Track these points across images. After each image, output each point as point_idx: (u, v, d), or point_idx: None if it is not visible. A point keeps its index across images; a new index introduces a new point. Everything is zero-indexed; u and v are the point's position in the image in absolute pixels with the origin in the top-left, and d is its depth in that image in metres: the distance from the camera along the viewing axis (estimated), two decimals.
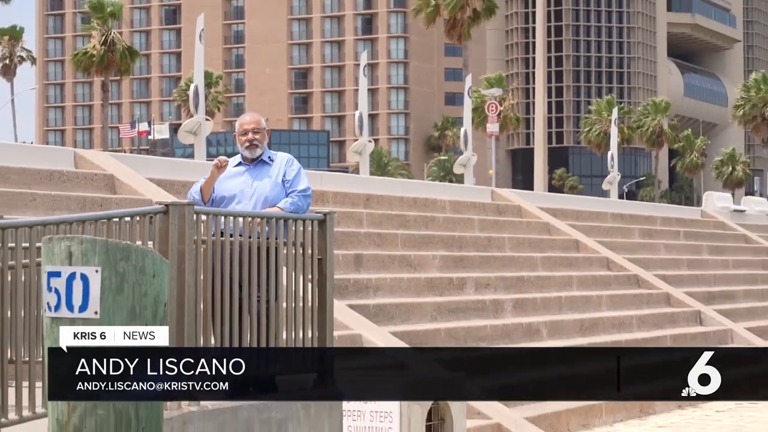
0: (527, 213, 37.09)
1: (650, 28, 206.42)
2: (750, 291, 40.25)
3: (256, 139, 11.84)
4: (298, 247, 11.78)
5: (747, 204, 59.04)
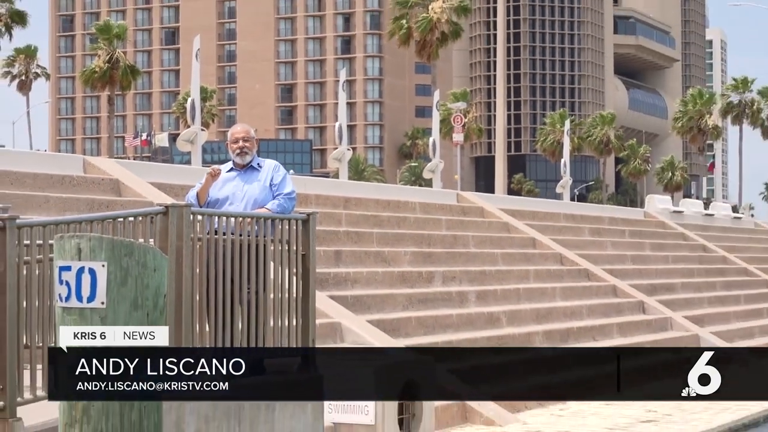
0: (489, 214, 37.10)
1: (598, 49, 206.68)
2: (687, 283, 40.33)
3: (246, 147, 11.91)
4: (284, 244, 11.79)
5: (684, 206, 59.20)
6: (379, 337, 21.84)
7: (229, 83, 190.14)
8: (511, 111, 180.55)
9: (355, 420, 17.76)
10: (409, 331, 23.39)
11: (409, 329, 23.52)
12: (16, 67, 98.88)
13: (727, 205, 70.98)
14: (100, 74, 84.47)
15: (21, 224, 9.03)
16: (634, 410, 23.19)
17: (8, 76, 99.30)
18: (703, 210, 60.25)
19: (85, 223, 9.92)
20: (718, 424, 21.97)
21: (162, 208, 10.58)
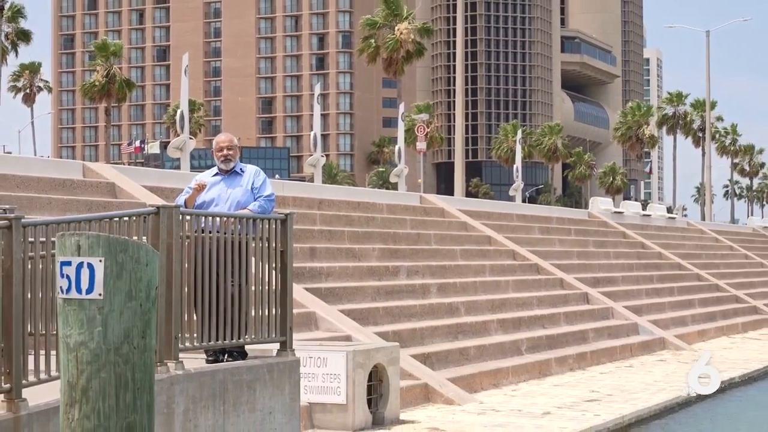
0: (449, 214, 37.14)
1: (547, 66, 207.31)
2: (627, 277, 40.49)
3: (230, 155, 11.98)
4: (264, 241, 11.79)
5: (624, 207, 59.40)
6: (349, 325, 21.84)
7: (215, 96, 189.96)
8: (469, 121, 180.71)
9: (328, 400, 17.76)
10: (377, 320, 23.41)
11: (377, 318, 23.53)
12: (22, 81, 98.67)
13: (662, 207, 71.27)
14: (98, 88, 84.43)
15: (26, 223, 9.01)
16: (579, 391, 23.27)
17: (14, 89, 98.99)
18: (641, 211, 60.44)
19: (84, 223, 9.91)
20: (656, 402, 22.07)
21: (154, 209, 10.58)
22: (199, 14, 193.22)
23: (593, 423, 19.21)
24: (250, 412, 11.28)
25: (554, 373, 25.93)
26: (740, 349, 34.68)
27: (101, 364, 7.22)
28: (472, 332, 25.88)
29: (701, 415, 22.50)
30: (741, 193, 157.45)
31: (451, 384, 21.45)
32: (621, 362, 29.28)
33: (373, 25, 71.35)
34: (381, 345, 19.36)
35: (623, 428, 19.86)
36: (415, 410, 19.76)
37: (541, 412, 20.16)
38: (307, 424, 17.28)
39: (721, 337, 38.26)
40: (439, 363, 22.72)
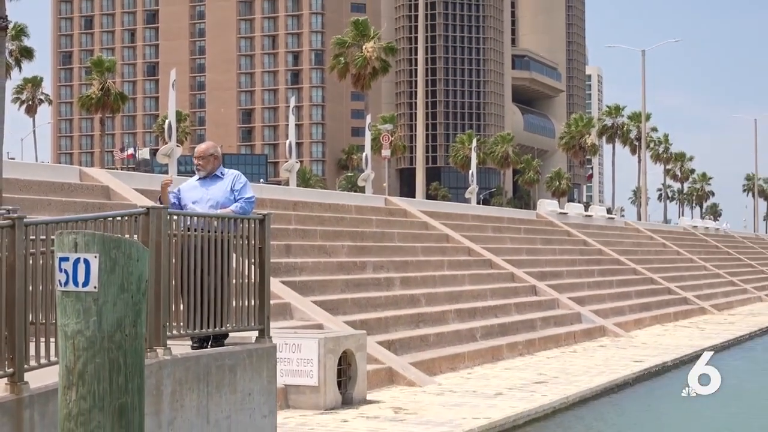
0: (411, 215, 37.18)
1: (499, 81, 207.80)
2: (571, 271, 40.63)
3: (200, 164, 12.07)
4: (244, 239, 11.77)
5: (569, 208, 59.60)
6: (321, 314, 21.83)
7: (200, 108, 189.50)
8: (429, 131, 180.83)
9: (302, 382, 17.74)
10: (346, 310, 23.40)
11: (346, 308, 23.53)
12: (24, 94, 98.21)
13: (602, 208, 71.55)
14: (94, 100, 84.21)
15: (28, 222, 8.98)
16: (528, 374, 23.33)
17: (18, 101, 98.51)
18: (584, 212, 60.65)
19: (81, 222, 9.88)
20: (597, 384, 22.14)
21: (144, 209, 10.55)
22: (185, 34, 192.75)
23: (541, 403, 19.26)
24: (232, 393, 11.26)
25: (505, 358, 25.99)
26: (672, 336, 34.87)
27: (96, 350, 7.19)
28: (432, 321, 25.92)
29: (639, 396, 22.59)
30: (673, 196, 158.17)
31: (412, 368, 21.47)
32: (565, 348, 29.38)
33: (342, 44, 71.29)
34: (349, 333, 19.37)
35: (568, 407, 19.92)
36: (380, 391, 19.77)
37: (493, 393, 20.20)
38: (283, 404, 17.25)
39: (655, 325, 38.45)
40: (401, 349, 22.74)
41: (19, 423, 8.54)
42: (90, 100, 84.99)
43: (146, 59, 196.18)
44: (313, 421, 16.50)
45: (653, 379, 25.06)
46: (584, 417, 19.50)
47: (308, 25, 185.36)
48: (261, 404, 11.72)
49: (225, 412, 11.11)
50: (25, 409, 8.61)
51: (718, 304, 49.08)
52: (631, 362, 26.38)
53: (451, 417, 17.27)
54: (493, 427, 17.00)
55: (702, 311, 45.68)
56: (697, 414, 17.63)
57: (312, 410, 17.41)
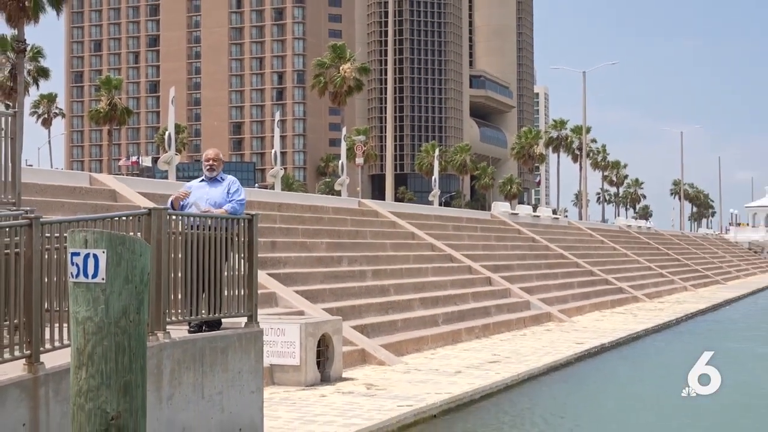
0: (381, 215, 37.18)
1: (459, 99, 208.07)
2: (521, 264, 40.71)
3: (214, 165, 12.18)
4: (235, 235, 11.75)
5: (519, 210, 59.78)
6: (302, 302, 21.81)
7: (195, 121, 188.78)
8: (397, 141, 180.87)
9: (285, 362, 17.72)
10: (324, 299, 23.38)
11: (324, 297, 23.51)
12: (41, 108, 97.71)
13: (548, 209, 71.75)
14: (103, 114, 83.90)
15: (44, 222, 8.94)
16: (484, 354, 23.37)
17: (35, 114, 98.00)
18: (532, 213, 60.83)
19: (90, 221, 9.83)
20: (544, 363, 22.20)
21: (146, 210, 10.51)
22: (183, 56, 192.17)
23: (495, 379, 19.30)
24: (224, 372, 11.23)
25: (464, 341, 26.03)
26: (609, 321, 35.00)
27: (104, 334, 7.15)
28: (399, 308, 25.92)
29: (580, 373, 22.67)
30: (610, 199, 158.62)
31: (382, 349, 21.48)
32: (516, 331, 29.44)
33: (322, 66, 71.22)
34: (327, 318, 19.35)
35: (518, 383, 19.96)
36: (354, 370, 19.77)
37: (453, 371, 20.22)
38: (269, 381, 17.23)
39: (594, 312, 38.59)
40: (373, 332, 22.74)
41: (35, 399, 8.51)
42: (99, 114, 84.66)
43: (148, 78, 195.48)
44: (295, 396, 16.48)
45: (593, 358, 25.17)
46: (533, 392, 19.55)
47: (291, 48, 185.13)
48: (249, 381, 11.69)
49: (218, 388, 11.08)
50: (41, 387, 8.57)
51: (649, 293, 49.32)
52: (573, 344, 26.48)
53: (417, 392, 17.28)
54: (453, 401, 17.02)
55: (635, 299, 45.88)
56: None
57: (294, 387, 17.39)
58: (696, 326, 36.89)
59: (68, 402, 7.30)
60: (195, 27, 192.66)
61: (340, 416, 14.82)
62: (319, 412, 15.10)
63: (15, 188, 11.84)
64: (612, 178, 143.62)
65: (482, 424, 16.06)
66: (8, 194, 11.72)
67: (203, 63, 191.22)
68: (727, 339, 32.21)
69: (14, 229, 8.64)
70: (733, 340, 31.94)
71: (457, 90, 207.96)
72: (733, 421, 16.71)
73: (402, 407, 15.74)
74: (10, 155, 11.73)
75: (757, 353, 27.90)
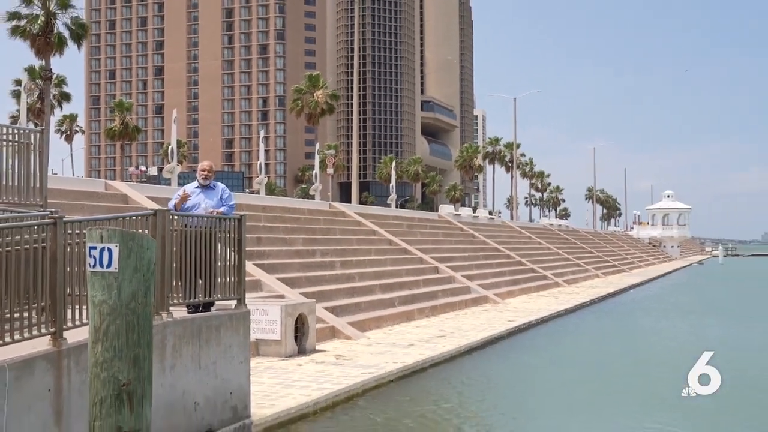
0: (348, 215, 37.15)
1: (412, 120, 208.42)
2: (463, 256, 40.85)
3: (208, 175, 12.03)
4: (226, 232, 11.68)
5: (461, 211, 59.97)
6: (283, 288, 21.75)
7: (194, 137, 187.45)
8: (361, 155, 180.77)
9: (269, 337, 17.67)
10: (301, 285, 23.33)
11: (301, 283, 23.46)
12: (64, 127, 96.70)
13: (486, 211, 72.03)
14: (116, 131, 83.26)
15: (66, 221, 8.87)
16: (433, 330, 23.41)
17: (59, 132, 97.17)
18: (472, 213, 61.06)
19: (105, 221, 9.74)
20: (481, 337, 22.27)
21: (152, 211, 10.43)
22: (183, 84, 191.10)
23: (441, 351, 19.34)
24: (217, 345, 11.18)
25: (416, 319, 26.07)
26: (535, 302, 35.18)
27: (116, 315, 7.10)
28: (363, 292, 25.92)
29: (511, 345, 22.76)
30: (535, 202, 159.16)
31: (349, 326, 21.46)
32: (459, 311, 29.53)
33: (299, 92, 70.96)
34: (303, 301, 19.31)
35: (461, 354, 20.02)
36: (325, 343, 19.74)
37: (407, 344, 20.24)
38: (255, 353, 17.18)
39: (522, 295, 38.78)
40: (341, 312, 22.71)
41: (59, 369, 8.45)
42: (113, 132, 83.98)
43: (155, 102, 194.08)
44: (277, 365, 16.44)
45: (522, 333, 25.29)
46: (472, 361, 19.61)
47: (274, 78, 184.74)
48: (238, 353, 11.64)
49: (212, 359, 11.03)
50: (64, 359, 8.50)
51: (568, 280, 49.64)
52: (506, 321, 26.59)
53: (377, 361, 17.28)
54: (407, 369, 17.04)
55: (556, 285, 46.17)
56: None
57: (276, 357, 17.34)
58: (606, 306, 37.21)
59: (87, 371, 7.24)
60: (194, 59, 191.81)
61: (314, 381, 14.80)
62: (297, 378, 15.07)
63: (42, 193, 11.80)
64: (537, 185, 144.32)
65: (431, 387, 16.10)
66: (37, 198, 11.68)
67: (200, 89, 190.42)
68: (630, 316, 32.53)
69: (41, 227, 8.60)
70: (634, 317, 32.29)
71: (411, 113, 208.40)
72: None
73: (365, 374, 15.75)
74: (39, 166, 11.72)
75: (656, 327, 28.16)
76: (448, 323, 25.47)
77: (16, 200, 11.36)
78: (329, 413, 13.34)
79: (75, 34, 48.53)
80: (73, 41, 48.86)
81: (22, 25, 47.41)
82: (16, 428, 7.89)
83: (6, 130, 11.45)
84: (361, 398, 14.53)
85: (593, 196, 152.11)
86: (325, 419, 13.00)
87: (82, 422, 8.22)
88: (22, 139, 11.62)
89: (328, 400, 13.68)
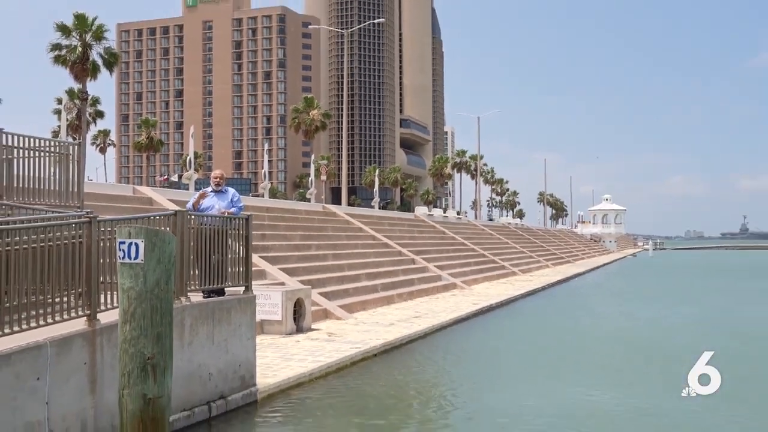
0: (338, 215, 37.09)
1: (392, 135, 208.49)
2: (435, 249, 40.85)
3: (220, 181, 11.97)
4: (236, 230, 11.64)
5: (434, 212, 60.00)
6: (284, 276, 21.68)
7: (209, 149, 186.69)
8: (350, 164, 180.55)
9: (271, 318, 17.61)
10: (299, 274, 23.27)
11: (299, 273, 23.39)
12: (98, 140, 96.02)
13: (454, 211, 72.13)
14: (143, 144, 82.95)
15: (99, 220, 8.81)
16: (410, 312, 23.39)
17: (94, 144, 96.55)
18: (443, 214, 61.09)
19: (133, 220, 9.68)
20: (451, 317, 22.28)
21: (173, 212, 10.39)
22: (200, 104, 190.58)
23: (417, 329, 19.34)
24: (228, 325, 11.13)
25: (396, 303, 26.04)
26: (495, 288, 35.23)
27: (142, 299, 7.06)
28: (351, 280, 25.88)
29: (476, 324, 22.78)
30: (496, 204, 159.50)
31: (339, 308, 21.42)
32: (432, 296, 29.53)
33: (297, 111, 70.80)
34: (301, 287, 19.26)
35: (433, 332, 20.01)
36: (319, 323, 19.70)
37: (388, 323, 20.22)
38: (260, 331, 17.11)
39: (485, 282, 38.82)
40: (332, 297, 22.67)
41: (93, 345, 8.39)
42: (140, 145, 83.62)
43: (175, 119, 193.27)
44: (278, 342, 16.40)
45: (485, 314, 25.30)
46: (443, 337, 19.61)
47: (276, 99, 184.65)
48: (246, 332, 11.60)
49: (224, 336, 10.98)
50: (98, 337, 8.45)
51: (523, 269, 49.75)
52: (471, 304, 26.60)
53: (364, 338, 17.26)
54: (388, 345, 17.03)
55: (513, 274, 46.27)
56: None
57: (278, 335, 17.29)
58: (554, 291, 37.32)
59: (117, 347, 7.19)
60: (208, 83, 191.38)
61: (309, 355, 14.78)
62: (295, 352, 15.03)
63: (79, 196, 11.74)
64: (498, 190, 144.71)
65: (408, 359, 16.10)
66: (75, 200, 11.63)
67: (214, 109, 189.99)
68: (574, 297, 32.62)
69: (78, 225, 8.54)
70: (577, 298, 32.38)
71: (391, 129, 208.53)
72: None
73: (353, 349, 15.72)
74: (76, 173, 11.68)
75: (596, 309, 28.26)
76: (423, 306, 25.47)
77: (57, 202, 11.30)
78: (323, 381, 13.34)
79: (107, 62, 48.25)
80: (106, 68, 48.56)
81: (63, 54, 47.17)
82: (57, 396, 7.84)
83: (49, 143, 11.40)
84: (350, 369, 14.52)
85: (544, 199, 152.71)
86: (319, 386, 12.98)
87: (113, 391, 8.18)
88: (63, 151, 11.57)
89: (321, 371, 13.66)
